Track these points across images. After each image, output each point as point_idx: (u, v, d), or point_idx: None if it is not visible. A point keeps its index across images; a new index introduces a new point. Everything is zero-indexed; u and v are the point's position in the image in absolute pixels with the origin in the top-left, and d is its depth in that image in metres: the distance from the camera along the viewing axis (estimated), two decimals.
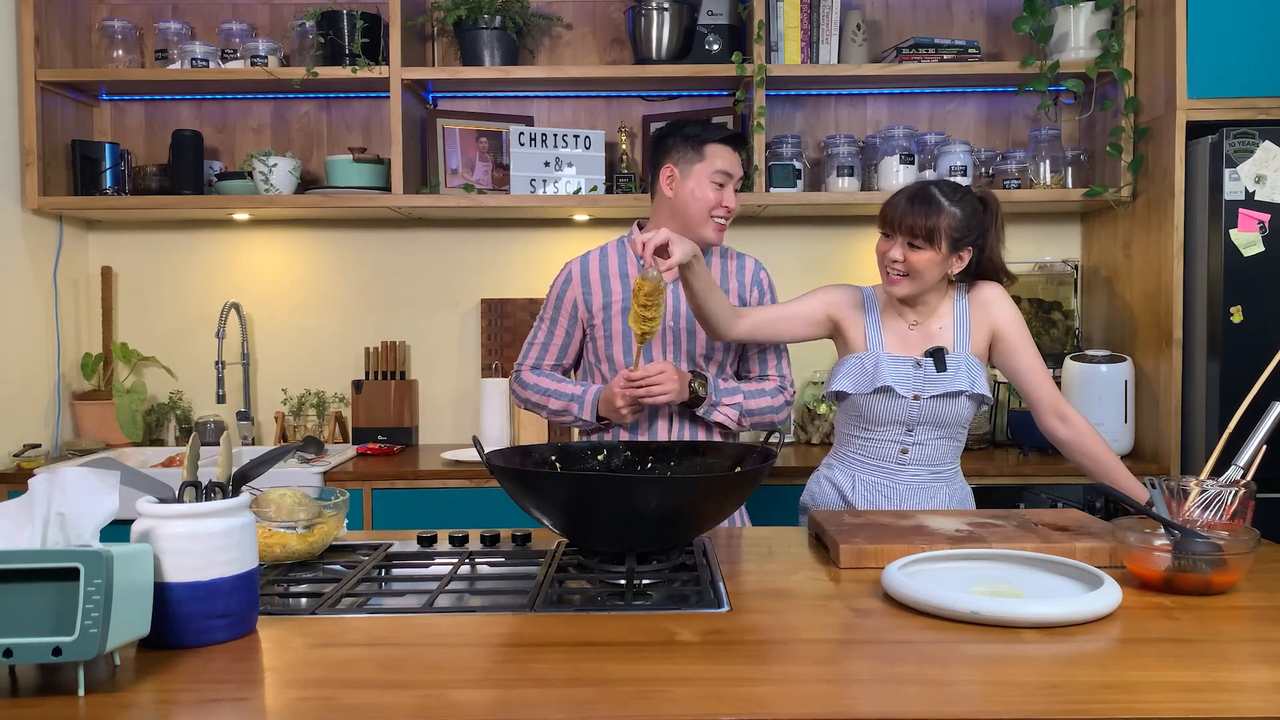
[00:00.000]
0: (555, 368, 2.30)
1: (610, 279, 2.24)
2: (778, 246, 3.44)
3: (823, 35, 3.13)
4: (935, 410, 2.02)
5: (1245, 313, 2.74)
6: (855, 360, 2.06)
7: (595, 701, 1.06)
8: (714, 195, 2.17)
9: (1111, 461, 2.00)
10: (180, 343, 3.44)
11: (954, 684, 1.11)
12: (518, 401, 2.32)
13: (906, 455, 2.06)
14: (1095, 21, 3.04)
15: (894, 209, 1.99)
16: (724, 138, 2.20)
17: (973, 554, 1.54)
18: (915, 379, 2.02)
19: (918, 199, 1.98)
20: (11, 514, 1.16)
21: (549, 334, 2.28)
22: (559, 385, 2.22)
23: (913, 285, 2.00)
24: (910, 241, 1.97)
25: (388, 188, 3.14)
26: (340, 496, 1.68)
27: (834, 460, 2.18)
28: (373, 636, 1.28)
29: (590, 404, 2.17)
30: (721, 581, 1.50)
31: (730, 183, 2.19)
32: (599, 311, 2.23)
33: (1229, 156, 2.73)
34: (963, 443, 2.12)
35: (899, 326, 2.08)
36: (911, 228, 1.95)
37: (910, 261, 1.97)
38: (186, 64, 3.19)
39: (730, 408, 2.16)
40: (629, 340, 2.19)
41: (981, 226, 2.03)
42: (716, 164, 2.17)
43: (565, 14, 3.41)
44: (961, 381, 2.00)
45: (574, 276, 2.26)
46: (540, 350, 2.29)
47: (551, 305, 2.28)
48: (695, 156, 2.19)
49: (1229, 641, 1.25)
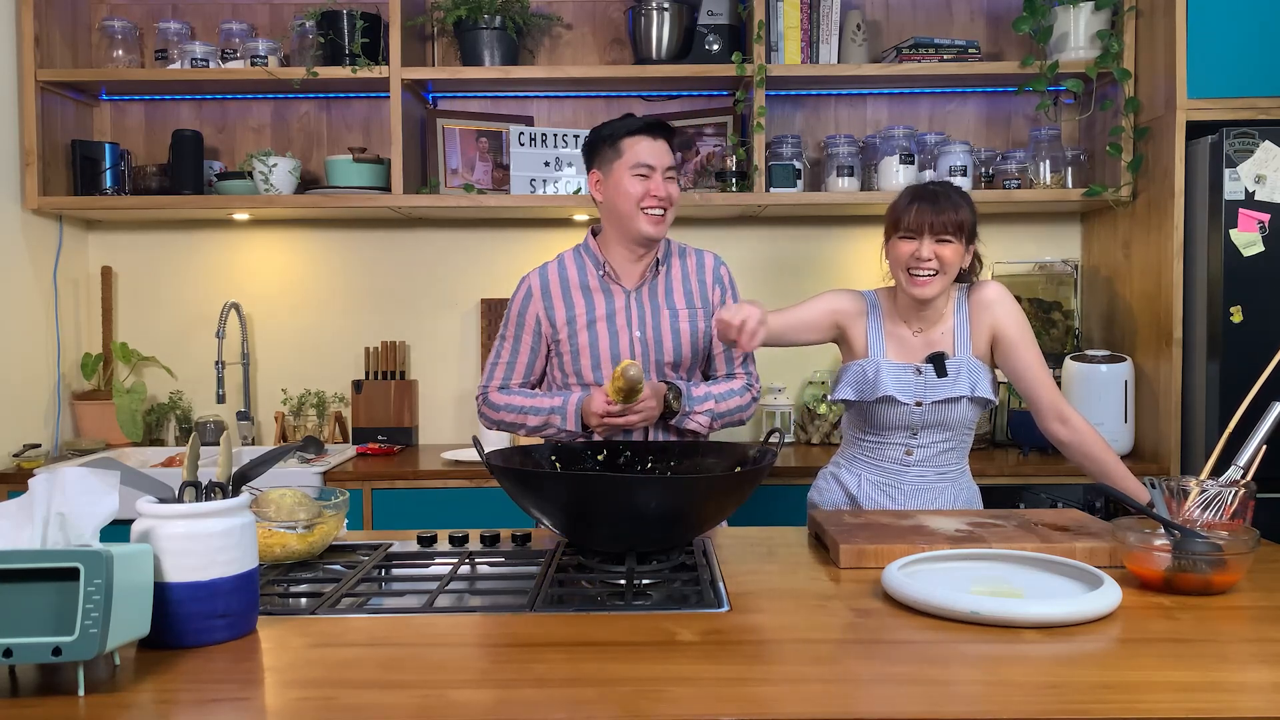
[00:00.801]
0: (523, 386, 2.23)
1: (572, 292, 2.18)
2: (778, 246, 3.44)
3: (823, 35, 3.13)
4: (938, 415, 2.03)
5: (1245, 313, 2.74)
6: (857, 368, 2.07)
7: (595, 701, 1.06)
8: (638, 187, 2.10)
9: (1112, 462, 2.00)
10: (180, 343, 3.44)
11: (954, 684, 1.11)
12: (487, 424, 2.24)
13: (911, 457, 2.07)
14: (1095, 21, 3.04)
15: (915, 211, 2.00)
16: (638, 128, 2.13)
17: (973, 554, 1.54)
18: (916, 386, 2.02)
19: (941, 197, 2.00)
20: (11, 514, 1.16)
21: (514, 352, 2.21)
22: (534, 401, 2.16)
23: (942, 282, 2.01)
24: (940, 238, 1.98)
25: (388, 188, 3.14)
26: (340, 496, 1.68)
27: (841, 460, 2.19)
28: (373, 636, 1.28)
29: (574, 414, 2.10)
30: (721, 581, 1.50)
31: (656, 173, 2.11)
32: (563, 326, 2.17)
33: (1229, 156, 2.73)
34: (969, 443, 2.13)
35: (901, 333, 2.09)
36: (944, 224, 1.97)
37: (941, 256, 1.98)
38: (186, 64, 3.19)
39: (703, 414, 2.14)
40: (598, 354, 2.15)
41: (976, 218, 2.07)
42: (635, 157, 2.10)
43: (565, 14, 3.41)
44: (962, 386, 2.00)
45: (534, 291, 2.20)
46: (506, 369, 2.22)
47: (514, 322, 2.21)
48: (614, 154, 2.13)
49: (1229, 641, 1.25)
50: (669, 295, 2.19)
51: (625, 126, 2.14)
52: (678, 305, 2.19)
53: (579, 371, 2.17)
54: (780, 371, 3.37)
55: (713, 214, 3.32)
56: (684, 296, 2.20)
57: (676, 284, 2.21)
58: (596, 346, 2.15)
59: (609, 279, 2.18)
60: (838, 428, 3.24)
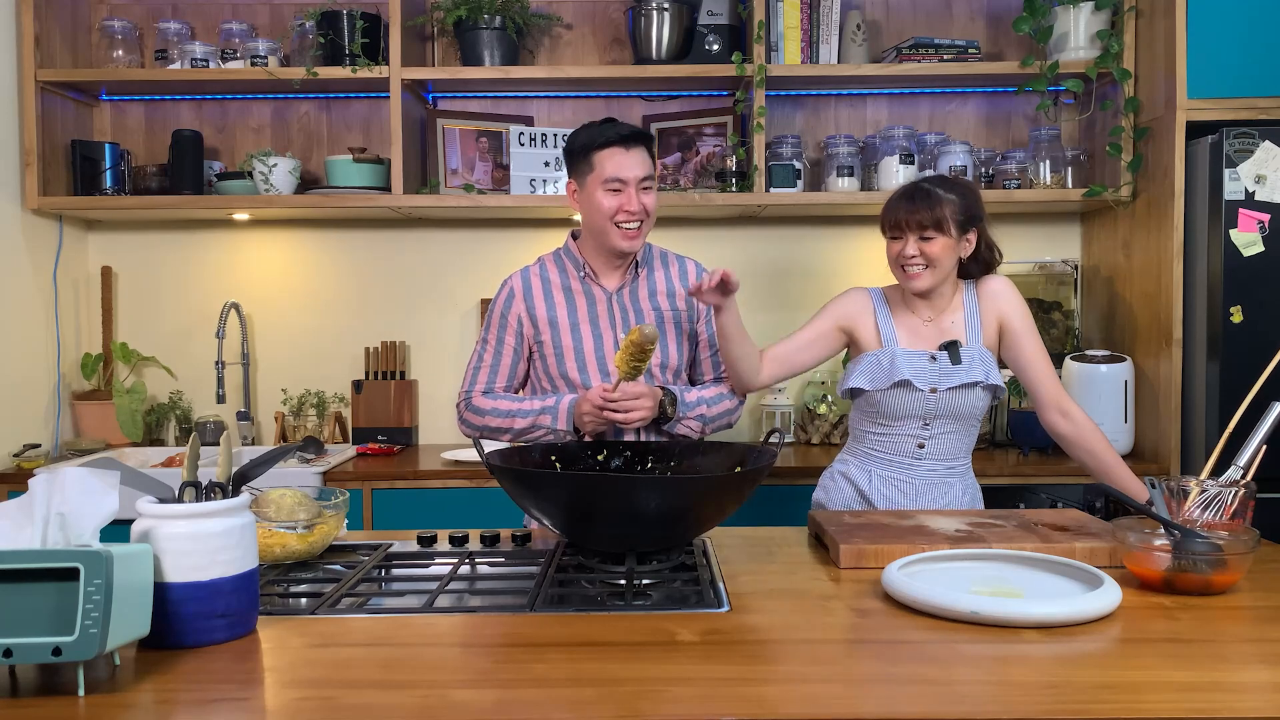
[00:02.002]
0: (506, 389, 2.21)
1: (554, 293, 2.17)
2: (778, 247, 3.44)
3: (823, 35, 3.12)
4: (951, 403, 2.04)
5: (1245, 313, 2.74)
6: (872, 357, 2.08)
7: (595, 701, 1.06)
8: (610, 202, 2.06)
9: (1112, 459, 2.01)
10: (180, 343, 3.44)
11: (954, 684, 1.11)
12: (469, 430, 2.17)
13: (923, 450, 2.07)
14: (1095, 21, 3.04)
15: (896, 210, 2.05)
16: (608, 141, 2.07)
17: (973, 554, 1.54)
18: (932, 372, 2.04)
19: (917, 195, 2.04)
20: (11, 514, 1.16)
21: (496, 354, 2.18)
22: (520, 404, 2.13)
23: (934, 275, 2.04)
24: (922, 235, 2.01)
25: (388, 188, 3.14)
26: (340, 496, 1.68)
27: (849, 456, 2.19)
28: (373, 636, 1.28)
29: (565, 413, 2.08)
30: (721, 581, 1.50)
31: (629, 187, 2.06)
32: (545, 327, 2.15)
33: (1229, 156, 2.73)
34: (975, 437, 2.14)
35: (913, 322, 2.11)
36: (920, 221, 2.01)
37: (926, 253, 2.02)
38: (186, 64, 3.19)
39: (694, 419, 2.13)
40: (582, 356, 2.14)
41: (978, 207, 2.08)
42: (606, 171, 2.06)
43: (565, 14, 3.41)
44: (977, 373, 2.02)
45: (516, 293, 2.18)
46: (490, 373, 2.18)
47: (496, 325, 2.19)
48: (586, 168, 2.10)
49: (1229, 641, 1.25)
50: (652, 297, 2.18)
51: (595, 139, 2.09)
52: (661, 306, 2.18)
53: (564, 374, 2.15)
54: None
55: (713, 214, 3.32)
56: (667, 299, 2.19)
57: (660, 285, 2.20)
58: (581, 348, 2.14)
59: (590, 280, 2.18)
60: (837, 428, 3.24)
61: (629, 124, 2.14)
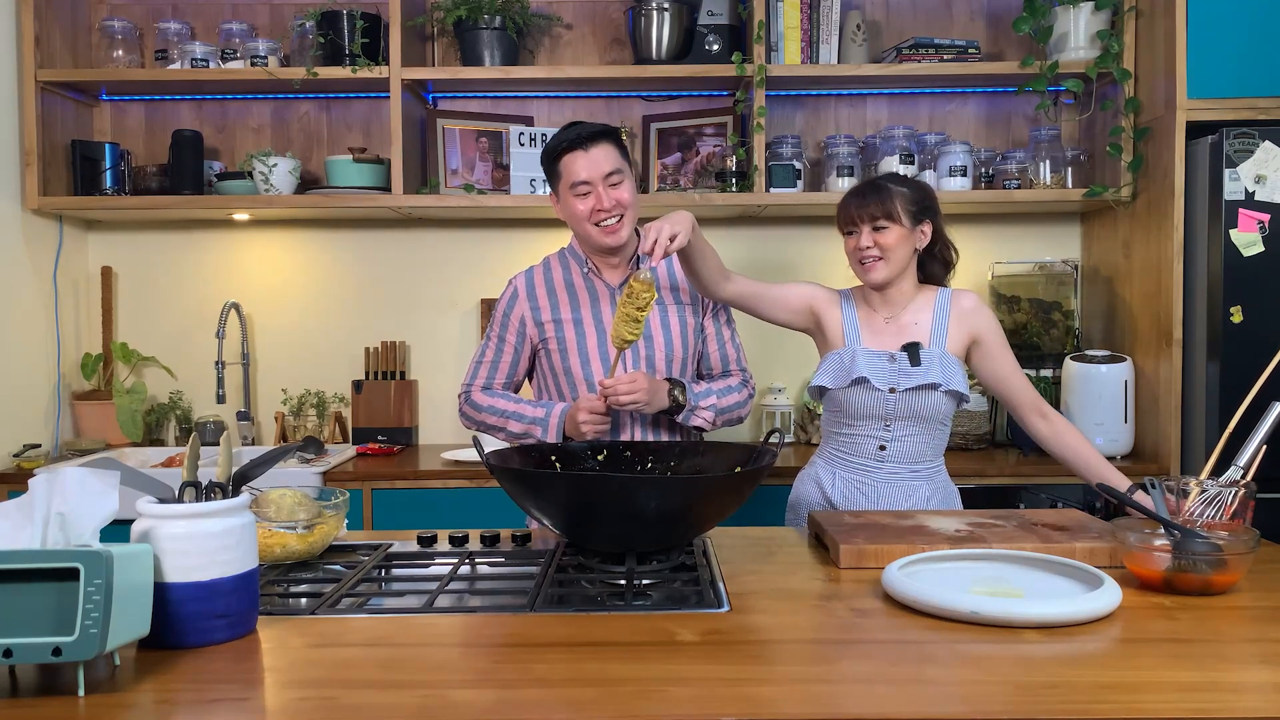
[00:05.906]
0: (506, 386, 2.24)
1: (558, 291, 2.20)
2: (778, 246, 3.44)
3: (823, 35, 3.13)
4: (911, 404, 2.04)
5: (1245, 313, 2.74)
6: (834, 356, 2.11)
7: (595, 701, 1.06)
8: (582, 205, 2.08)
9: (1090, 454, 2.05)
10: (180, 343, 3.44)
11: (954, 684, 1.11)
12: (468, 424, 2.23)
13: (885, 451, 2.08)
14: (1095, 21, 3.04)
15: (849, 206, 2.09)
16: (568, 145, 2.08)
17: (973, 554, 1.54)
18: (890, 372, 2.05)
19: (868, 189, 2.09)
20: (11, 514, 1.16)
21: (498, 351, 2.22)
22: (518, 407, 2.17)
23: (889, 267, 2.06)
24: (874, 225, 2.05)
25: (388, 188, 3.14)
26: (340, 496, 1.68)
27: (818, 458, 2.21)
28: (373, 636, 1.28)
29: (556, 426, 2.10)
30: (721, 581, 1.50)
31: (596, 185, 2.07)
32: (549, 324, 2.18)
33: (1229, 156, 2.73)
34: (945, 440, 2.14)
35: (875, 321, 2.13)
36: (872, 214, 2.04)
37: (880, 243, 2.05)
38: (186, 64, 3.19)
39: (706, 410, 2.16)
40: (586, 351, 2.15)
41: (931, 201, 2.11)
42: (571, 176, 2.08)
43: (565, 14, 3.41)
44: (935, 375, 2.03)
45: (520, 292, 2.21)
46: (490, 368, 2.23)
47: (499, 322, 2.22)
48: (556, 176, 2.12)
49: (1229, 641, 1.25)
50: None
51: (556, 146, 2.10)
52: (665, 299, 2.20)
53: (568, 369, 2.17)
54: (780, 372, 3.37)
55: (713, 214, 3.32)
56: (670, 291, 2.22)
57: (662, 279, 2.22)
58: (584, 343, 2.16)
59: (593, 275, 2.20)
60: None
61: (592, 123, 2.13)
